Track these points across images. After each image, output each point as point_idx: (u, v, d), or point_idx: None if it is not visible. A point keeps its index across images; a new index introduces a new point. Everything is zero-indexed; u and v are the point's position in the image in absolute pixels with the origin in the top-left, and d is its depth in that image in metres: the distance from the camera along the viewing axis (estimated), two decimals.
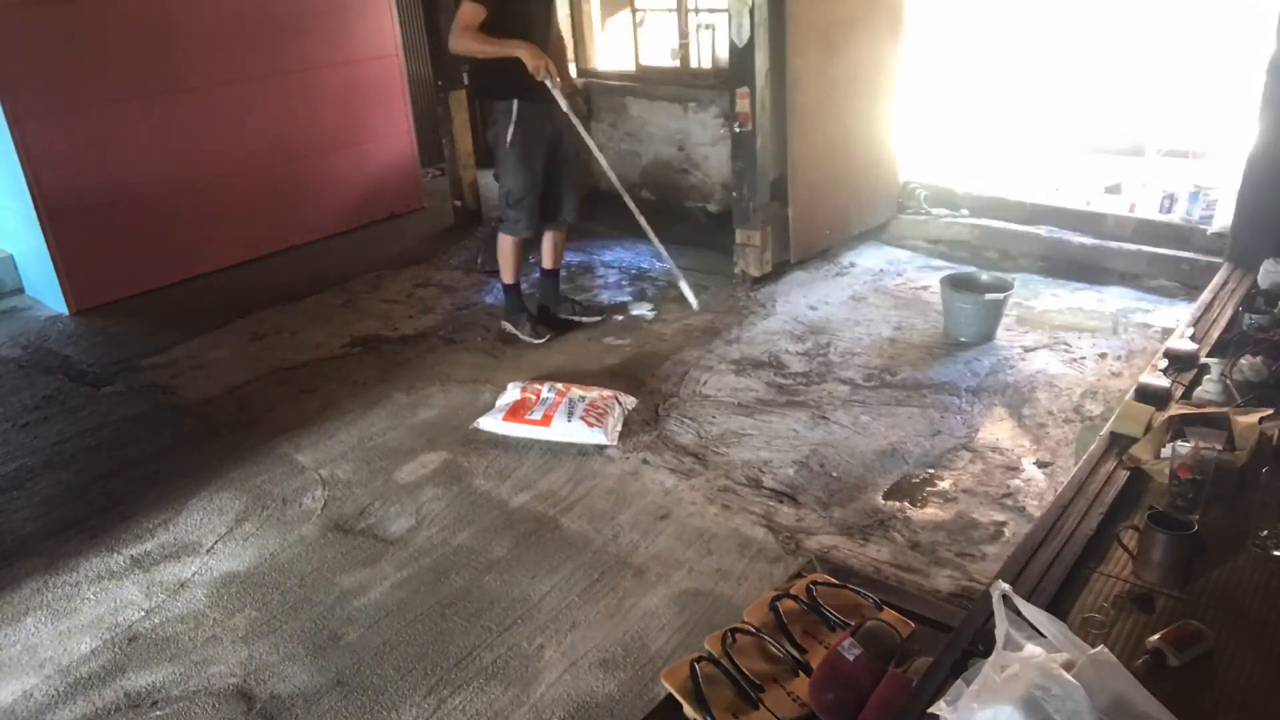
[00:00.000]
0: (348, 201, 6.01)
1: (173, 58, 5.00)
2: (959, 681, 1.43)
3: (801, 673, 1.97)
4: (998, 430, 3.38)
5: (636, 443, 3.43)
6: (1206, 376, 2.46)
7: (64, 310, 4.90)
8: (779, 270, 4.86)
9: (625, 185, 6.41)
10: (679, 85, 5.91)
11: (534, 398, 3.53)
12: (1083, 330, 4.08)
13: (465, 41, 3.71)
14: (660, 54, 6.08)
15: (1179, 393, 2.49)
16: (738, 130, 4.53)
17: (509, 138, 3.90)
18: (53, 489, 3.34)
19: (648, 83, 6.09)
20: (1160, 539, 1.76)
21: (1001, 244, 4.97)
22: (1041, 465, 3.14)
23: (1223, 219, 4.22)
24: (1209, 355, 2.65)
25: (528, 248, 4.30)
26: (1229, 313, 2.95)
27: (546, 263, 4.41)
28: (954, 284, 4.07)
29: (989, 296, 3.96)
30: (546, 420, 3.40)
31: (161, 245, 5.17)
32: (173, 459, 3.50)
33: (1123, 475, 2.13)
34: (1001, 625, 1.49)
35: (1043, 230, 4.85)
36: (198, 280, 5.32)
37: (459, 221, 6.07)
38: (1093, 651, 1.41)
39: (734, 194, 4.72)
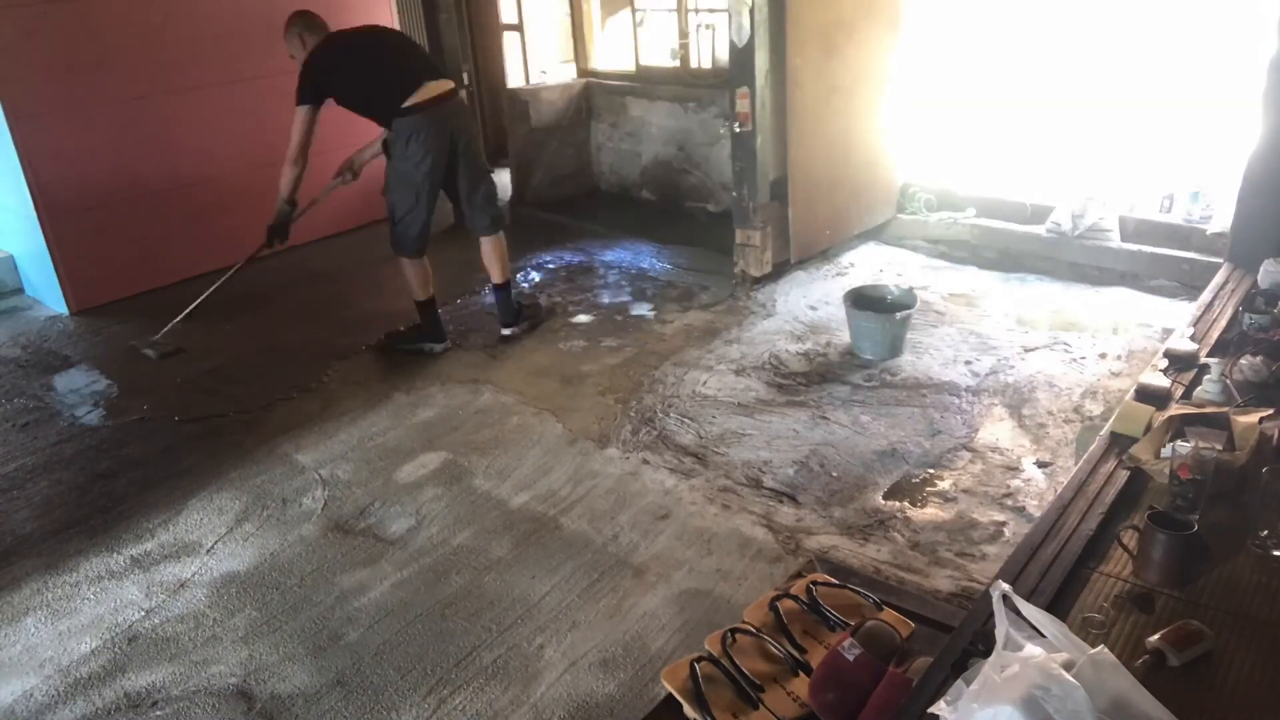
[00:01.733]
0: (348, 201, 6.00)
1: (173, 58, 5.00)
2: (959, 681, 1.42)
3: (801, 673, 1.97)
4: (998, 430, 3.38)
5: (636, 443, 3.43)
6: (1206, 376, 2.45)
7: (64, 310, 4.90)
8: (779, 270, 4.86)
9: (625, 185, 6.47)
10: (679, 85, 5.91)
11: None
12: (1083, 330, 4.08)
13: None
14: (660, 54, 6.08)
15: (1179, 393, 2.48)
16: (738, 130, 4.53)
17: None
18: (53, 489, 3.34)
19: (648, 83, 6.09)
20: (1160, 539, 1.76)
21: (1001, 244, 4.97)
22: (1041, 465, 3.14)
23: (1223, 219, 4.22)
24: (1209, 355, 2.65)
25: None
26: (1229, 313, 2.94)
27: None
28: (858, 301, 4.01)
29: (897, 315, 3.91)
30: None
31: (161, 245, 5.17)
32: (173, 459, 3.50)
33: (1123, 475, 2.13)
34: (1001, 625, 1.49)
35: (1042, 230, 4.85)
36: (198, 280, 5.31)
37: (459, 221, 6.05)
38: (1093, 651, 1.41)
39: (734, 194, 4.72)
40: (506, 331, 4.34)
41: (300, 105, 3.85)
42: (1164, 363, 2.64)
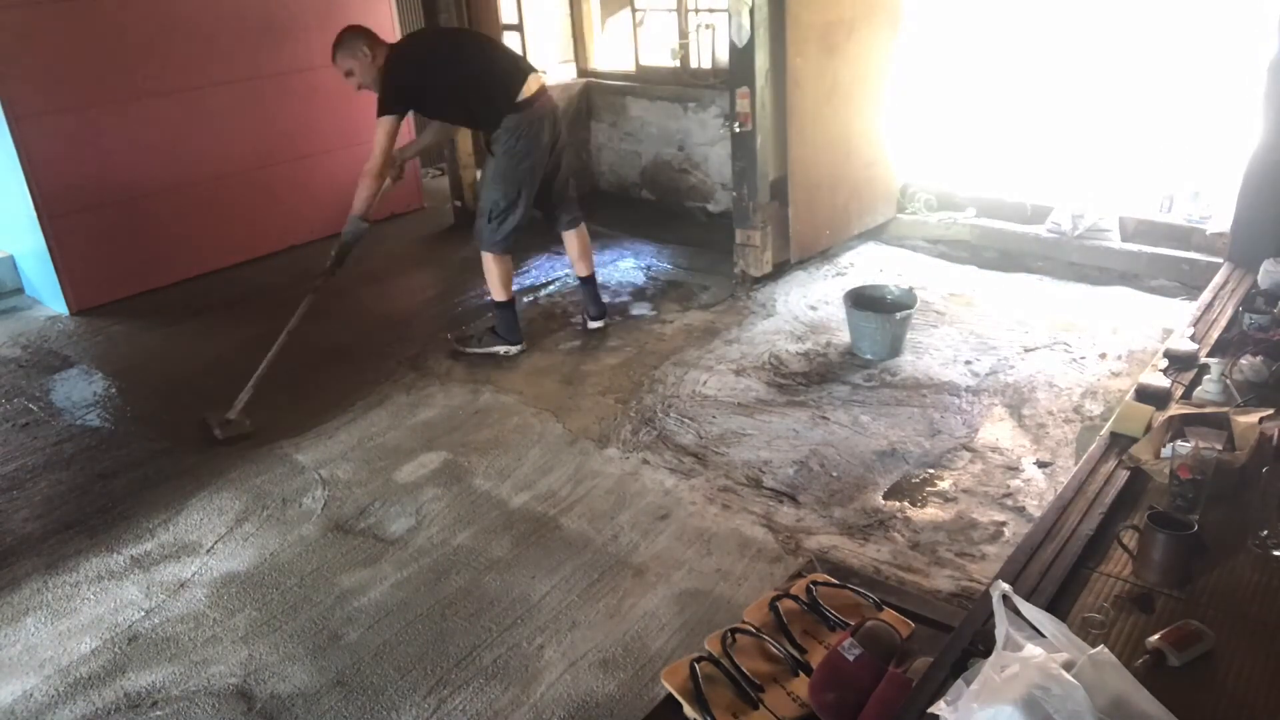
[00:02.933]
0: (348, 201, 5.98)
1: (173, 58, 5.00)
2: (959, 681, 1.43)
3: (801, 673, 1.97)
4: (998, 430, 3.38)
5: (636, 443, 3.43)
6: (1206, 376, 2.46)
7: (64, 310, 4.90)
8: (779, 270, 4.86)
9: (625, 185, 6.47)
10: (679, 85, 5.91)
11: None
12: (1083, 330, 4.08)
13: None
14: (660, 54, 6.08)
15: (1179, 393, 2.49)
16: (738, 130, 4.53)
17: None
18: (53, 489, 3.34)
19: (648, 83, 6.09)
20: (1160, 539, 1.76)
21: (1001, 244, 4.97)
22: (1041, 465, 3.14)
23: (1223, 219, 4.22)
24: (1209, 355, 2.65)
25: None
26: (1229, 313, 2.95)
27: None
28: (858, 301, 3.99)
29: (897, 315, 3.89)
30: None
31: (161, 245, 5.17)
32: (172, 459, 3.50)
33: (1123, 475, 2.13)
34: (1001, 625, 1.49)
35: (1042, 230, 4.85)
36: (198, 280, 5.32)
37: (459, 221, 6.07)
38: (1093, 651, 1.41)
39: (734, 194, 4.72)
40: (595, 324, 4.35)
41: (384, 116, 3.67)
42: (1164, 363, 2.64)
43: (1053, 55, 4.96)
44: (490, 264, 4.06)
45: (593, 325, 4.36)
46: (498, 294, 4.11)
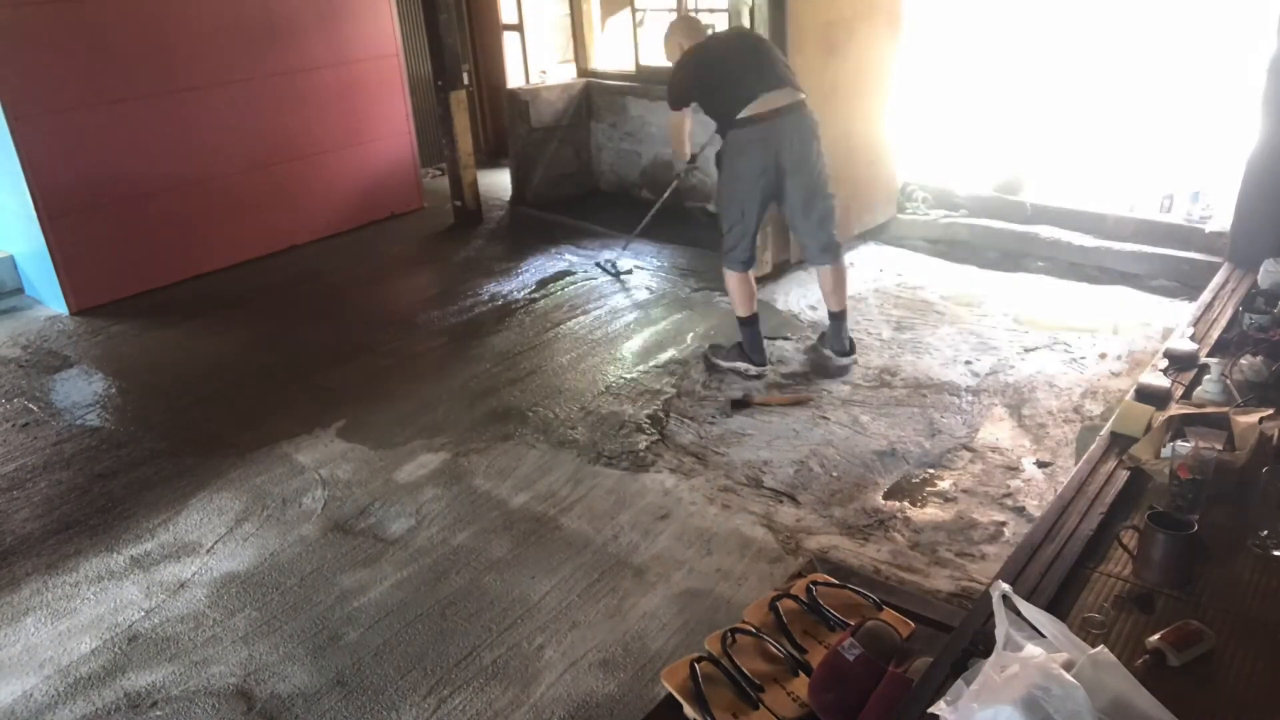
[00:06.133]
0: (348, 201, 6.02)
1: (173, 58, 5.01)
2: (959, 681, 1.42)
3: (801, 673, 1.97)
4: (998, 430, 3.37)
5: (636, 442, 3.43)
6: (1206, 376, 2.46)
7: (64, 310, 4.90)
8: (779, 270, 4.86)
9: (625, 185, 6.47)
10: None
11: None
12: (1083, 330, 4.08)
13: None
14: (660, 54, 6.07)
15: (1179, 393, 2.49)
16: None
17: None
18: (53, 489, 3.34)
19: (648, 83, 6.09)
20: (1160, 539, 1.76)
21: (1001, 244, 4.97)
22: (1041, 465, 3.14)
23: (1223, 219, 4.22)
24: (1209, 355, 2.65)
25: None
26: (1229, 313, 2.95)
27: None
28: None
29: None
30: None
31: (161, 245, 5.18)
32: (173, 458, 3.50)
33: (1123, 475, 2.13)
34: (1001, 625, 1.49)
35: (1043, 230, 4.85)
36: (198, 280, 5.32)
37: (459, 221, 6.07)
38: (1093, 651, 1.41)
39: None
40: (843, 361, 3.93)
41: (672, 110, 3.97)
42: (1164, 363, 2.64)
43: (1053, 55, 4.97)
44: (728, 280, 3.88)
45: (841, 362, 3.93)
46: (738, 310, 3.90)
